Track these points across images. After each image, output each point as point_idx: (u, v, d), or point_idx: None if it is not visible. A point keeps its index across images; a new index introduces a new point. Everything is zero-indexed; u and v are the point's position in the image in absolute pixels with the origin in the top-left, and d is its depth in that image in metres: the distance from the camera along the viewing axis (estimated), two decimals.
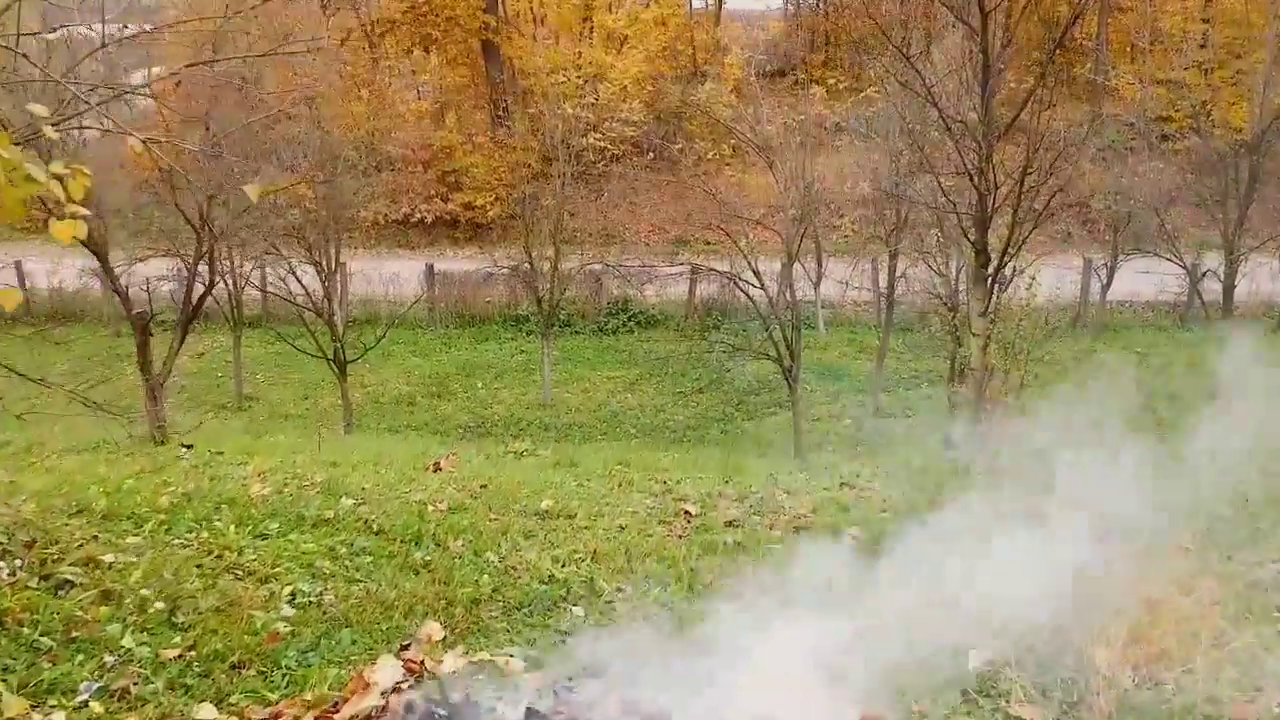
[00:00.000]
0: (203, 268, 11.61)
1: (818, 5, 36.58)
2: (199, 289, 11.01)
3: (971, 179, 7.08)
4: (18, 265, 24.90)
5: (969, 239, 7.70)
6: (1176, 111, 30.18)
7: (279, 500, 5.38)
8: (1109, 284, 22.47)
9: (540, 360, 19.45)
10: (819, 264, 22.00)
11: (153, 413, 8.63)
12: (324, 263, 15.96)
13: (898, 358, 20.04)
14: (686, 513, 5.58)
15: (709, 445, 16.94)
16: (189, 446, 8.25)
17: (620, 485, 6.17)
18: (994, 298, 7.61)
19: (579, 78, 30.93)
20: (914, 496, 5.79)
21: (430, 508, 5.72)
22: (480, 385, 20.35)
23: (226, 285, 18.58)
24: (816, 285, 22.24)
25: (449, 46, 32.94)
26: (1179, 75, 30.43)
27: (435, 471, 6.95)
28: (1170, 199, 22.74)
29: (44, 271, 25.31)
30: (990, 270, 7.46)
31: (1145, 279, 21.93)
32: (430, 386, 20.27)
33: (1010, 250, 7.39)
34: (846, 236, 25.60)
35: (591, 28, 34.12)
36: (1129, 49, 32.17)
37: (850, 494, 6.00)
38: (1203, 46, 30.84)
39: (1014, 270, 7.82)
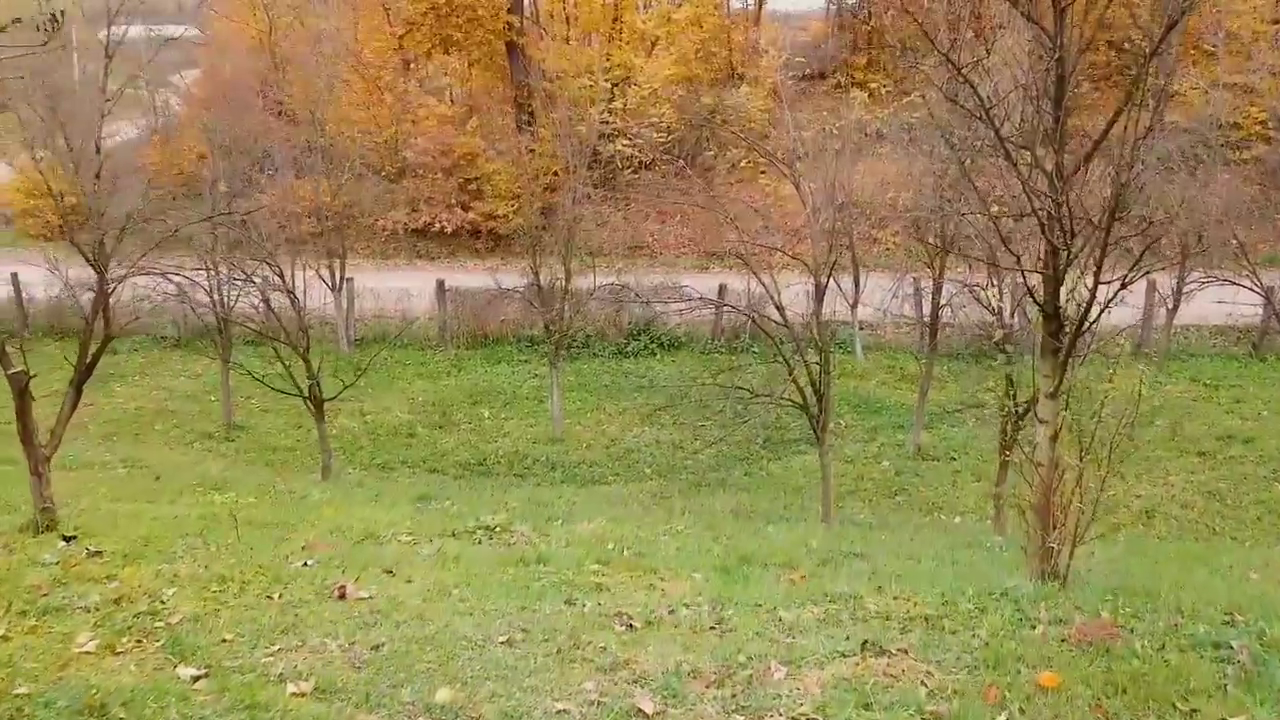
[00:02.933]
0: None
1: (859, 4, 34.76)
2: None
3: (1042, 228, 5.40)
4: (14, 277, 24.07)
5: (1034, 299, 6.04)
6: (1245, 118, 28.20)
7: (57, 695, 3.83)
8: (1175, 308, 20.49)
9: (550, 390, 17.89)
10: (856, 285, 20.29)
11: (37, 493, 7.16)
12: (294, 290, 14.49)
13: (941, 388, 18.29)
14: (641, 712, 3.98)
15: (730, 490, 15.31)
16: (69, 539, 6.77)
17: (562, 652, 4.56)
18: (1067, 373, 5.93)
19: (607, 80, 29.39)
20: (965, 682, 4.16)
21: (291, 689, 4.18)
22: (487, 415, 18.82)
23: (214, 310, 17.41)
24: (854, 307, 20.54)
25: (471, 48, 31.54)
26: (1248, 80, 28.44)
27: (340, 599, 5.41)
28: (1248, 214, 20.72)
29: (42, 283, 24.17)
30: (1064, 341, 5.78)
31: (1213, 301, 20.01)
32: (433, 415, 18.76)
33: (1090, 319, 5.71)
34: (888, 249, 23.86)
35: (621, 28, 32.53)
36: (1192, 51, 30.09)
37: (877, 667, 4.36)
38: (1275, 49, 28.70)
39: (1092, 339, 6.12)
